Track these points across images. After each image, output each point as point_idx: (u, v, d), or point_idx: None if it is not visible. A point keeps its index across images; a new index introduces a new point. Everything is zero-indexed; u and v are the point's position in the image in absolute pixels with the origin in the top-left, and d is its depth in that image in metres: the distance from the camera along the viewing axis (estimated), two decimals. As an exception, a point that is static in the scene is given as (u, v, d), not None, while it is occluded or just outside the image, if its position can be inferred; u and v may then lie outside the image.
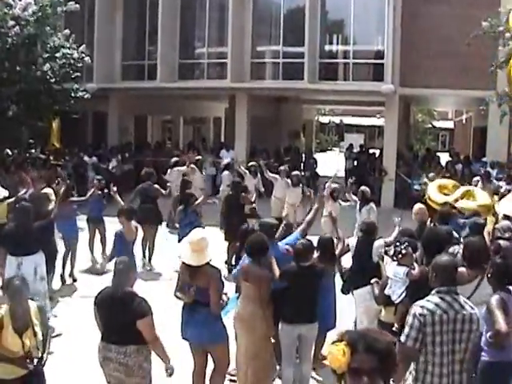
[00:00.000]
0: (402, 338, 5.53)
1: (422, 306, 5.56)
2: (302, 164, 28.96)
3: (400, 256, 7.71)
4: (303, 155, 31.76)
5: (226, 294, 7.54)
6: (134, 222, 11.24)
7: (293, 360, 8.05)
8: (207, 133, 37.21)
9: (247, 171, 18.45)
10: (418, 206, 11.32)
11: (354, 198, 14.59)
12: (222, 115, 35.66)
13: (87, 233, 14.71)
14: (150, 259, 14.92)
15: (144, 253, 14.83)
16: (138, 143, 29.03)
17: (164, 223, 16.65)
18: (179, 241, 11.54)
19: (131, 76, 27.69)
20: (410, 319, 5.56)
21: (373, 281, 8.10)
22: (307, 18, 23.86)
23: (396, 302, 7.49)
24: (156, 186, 15.50)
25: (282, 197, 17.01)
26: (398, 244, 8.07)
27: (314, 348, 8.32)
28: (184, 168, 18.61)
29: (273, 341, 8.12)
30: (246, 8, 25.51)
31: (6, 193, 13.20)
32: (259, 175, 18.61)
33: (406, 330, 5.56)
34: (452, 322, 5.51)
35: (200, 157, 21.31)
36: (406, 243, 7.97)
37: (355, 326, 8.89)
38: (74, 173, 22.91)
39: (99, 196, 14.64)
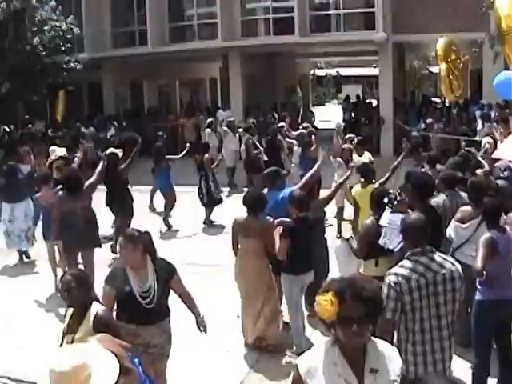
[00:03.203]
0: None
1: (395, 274, 5.09)
2: (299, 118, 28.87)
3: (396, 203, 7.69)
4: (301, 110, 31.65)
5: None
6: None
7: (300, 310, 8.12)
8: (204, 94, 37.02)
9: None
10: None
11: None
12: (218, 75, 35.47)
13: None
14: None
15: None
16: (135, 110, 28.96)
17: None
18: None
19: (122, 43, 27.61)
20: (385, 289, 5.00)
21: (348, 236, 8.09)
22: (295, -30, 23.57)
23: (395, 250, 7.18)
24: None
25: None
26: (390, 191, 8.08)
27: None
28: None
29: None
30: (234, -35, 25.29)
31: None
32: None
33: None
34: (432, 285, 5.08)
35: (232, 118, 21.19)
36: (399, 189, 7.98)
37: None
38: (73, 144, 22.90)
39: None
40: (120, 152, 13.00)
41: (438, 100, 30.06)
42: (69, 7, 24.55)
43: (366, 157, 13.05)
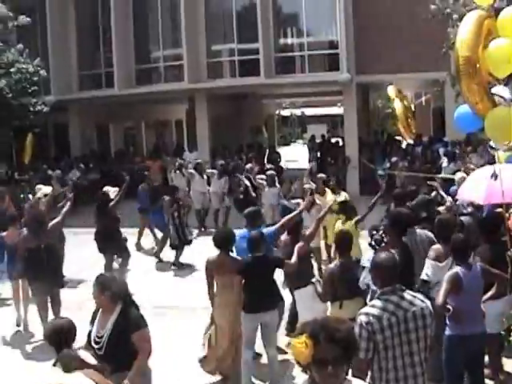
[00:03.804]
0: None
1: (366, 314, 5.05)
2: (265, 159, 29.03)
3: (383, 244, 7.76)
4: (267, 150, 31.83)
5: None
6: None
7: (252, 344, 8.26)
8: (170, 136, 37.07)
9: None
10: None
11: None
12: (184, 117, 35.59)
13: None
14: None
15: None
16: (101, 152, 28.90)
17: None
18: None
19: (89, 85, 27.66)
20: (356, 329, 4.91)
21: (314, 279, 8.17)
22: (259, 13, 24.02)
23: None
24: None
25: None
26: (375, 232, 8.17)
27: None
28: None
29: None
30: (199, 8, 25.57)
31: None
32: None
33: None
34: (403, 323, 5.03)
35: (200, 160, 21.23)
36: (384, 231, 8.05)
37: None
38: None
39: None
40: (115, 192, 13.16)
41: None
42: (35, 49, 24.60)
43: (343, 196, 13.20)
